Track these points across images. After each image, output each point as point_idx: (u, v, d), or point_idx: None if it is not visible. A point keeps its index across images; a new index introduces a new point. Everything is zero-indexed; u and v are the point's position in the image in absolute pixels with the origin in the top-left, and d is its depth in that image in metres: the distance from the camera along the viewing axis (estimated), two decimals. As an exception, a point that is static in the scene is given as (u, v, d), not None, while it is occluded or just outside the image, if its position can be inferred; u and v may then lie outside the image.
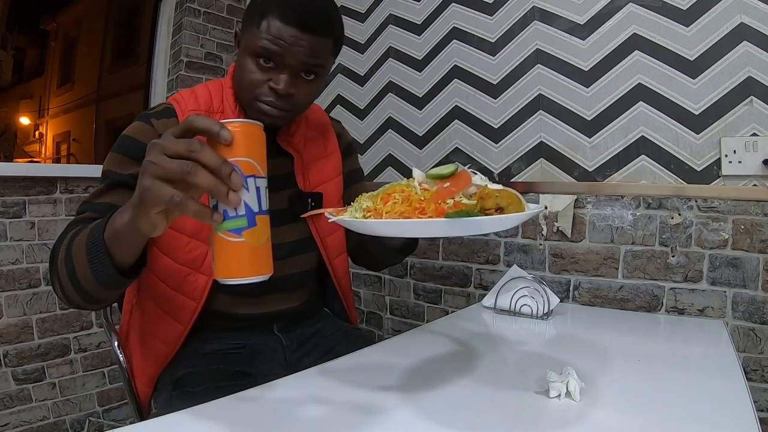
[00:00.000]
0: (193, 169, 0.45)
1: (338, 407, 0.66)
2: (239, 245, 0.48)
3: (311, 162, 0.94)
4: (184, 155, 0.46)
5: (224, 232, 0.48)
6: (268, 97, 0.75)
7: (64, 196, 1.68)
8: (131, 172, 0.74)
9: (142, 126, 0.79)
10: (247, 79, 0.76)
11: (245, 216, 0.48)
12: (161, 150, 0.47)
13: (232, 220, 0.48)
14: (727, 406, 0.65)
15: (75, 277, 0.62)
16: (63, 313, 1.68)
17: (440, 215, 0.48)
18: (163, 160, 0.46)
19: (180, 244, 0.80)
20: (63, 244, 0.66)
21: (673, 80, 1.18)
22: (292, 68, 0.74)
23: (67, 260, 0.62)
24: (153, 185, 0.47)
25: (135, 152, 0.76)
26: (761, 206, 1.10)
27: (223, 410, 0.64)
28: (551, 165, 1.39)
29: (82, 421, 1.72)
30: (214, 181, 0.46)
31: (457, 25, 1.56)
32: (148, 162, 0.48)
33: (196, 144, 0.46)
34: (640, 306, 1.25)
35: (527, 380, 0.72)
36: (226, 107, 0.84)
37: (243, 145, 0.48)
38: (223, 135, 0.47)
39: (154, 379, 0.86)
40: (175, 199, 0.46)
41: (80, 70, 1.97)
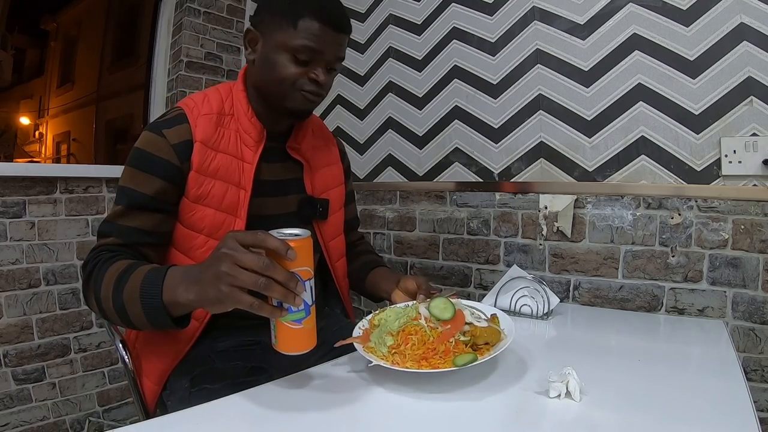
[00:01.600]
0: (269, 285, 0.57)
1: (345, 404, 0.66)
2: (299, 331, 0.63)
3: (318, 169, 0.99)
4: (259, 272, 0.57)
5: (288, 322, 0.62)
6: (310, 87, 0.84)
7: (64, 196, 1.68)
8: (149, 193, 0.79)
9: (154, 138, 0.81)
10: (284, 73, 0.82)
11: (304, 309, 0.62)
12: (234, 261, 0.57)
13: (294, 314, 0.61)
14: (727, 406, 0.65)
15: (128, 319, 0.71)
16: (63, 313, 1.68)
17: (447, 354, 0.67)
18: (239, 272, 0.57)
19: (197, 244, 0.84)
20: (103, 278, 0.73)
21: (673, 80, 1.18)
22: (327, 62, 0.85)
23: (116, 303, 0.71)
24: (232, 293, 0.57)
25: (150, 167, 0.80)
26: (761, 206, 1.10)
27: (226, 408, 0.64)
28: (551, 165, 1.39)
29: (82, 421, 1.72)
30: (285, 292, 0.58)
31: (457, 25, 1.56)
32: (224, 273, 0.57)
33: (267, 262, 0.57)
34: (640, 306, 1.25)
35: (527, 380, 0.72)
36: (238, 110, 0.88)
37: (302, 256, 0.60)
38: (290, 255, 0.58)
39: (164, 377, 0.86)
40: (254, 306, 0.58)
41: (80, 70, 1.97)
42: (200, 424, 0.61)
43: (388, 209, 1.76)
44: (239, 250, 0.58)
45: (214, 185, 0.83)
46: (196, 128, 0.82)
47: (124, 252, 0.78)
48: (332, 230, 1.02)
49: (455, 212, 1.58)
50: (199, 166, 0.81)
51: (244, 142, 0.87)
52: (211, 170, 0.83)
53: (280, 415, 0.64)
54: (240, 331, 0.91)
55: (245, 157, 0.86)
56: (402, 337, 0.70)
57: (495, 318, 0.77)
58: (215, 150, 0.83)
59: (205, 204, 0.83)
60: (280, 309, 0.60)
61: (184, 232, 0.84)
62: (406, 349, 0.68)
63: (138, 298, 0.68)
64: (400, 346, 0.68)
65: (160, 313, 0.67)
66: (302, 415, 0.64)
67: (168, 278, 0.67)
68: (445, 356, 0.66)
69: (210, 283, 0.59)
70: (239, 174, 0.85)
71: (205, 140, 0.82)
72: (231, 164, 0.85)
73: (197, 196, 0.82)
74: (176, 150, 0.80)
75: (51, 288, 1.66)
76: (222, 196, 0.84)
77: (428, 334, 0.70)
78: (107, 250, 0.78)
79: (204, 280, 0.61)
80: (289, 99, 0.84)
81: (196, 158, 0.81)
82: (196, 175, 0.82)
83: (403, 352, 0.67)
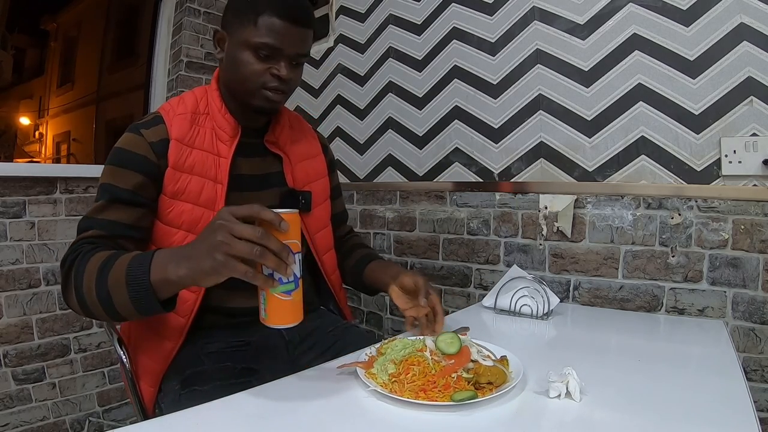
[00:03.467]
0: (264, 254, 0.59)
1: (342, 405, 0.66)
2: (288, 302, 0.64)
3: (298, 162, 1.00)
4: (254, 240, 0.59)
5: (278, 293, 0.64)
6: (273, 83, 0.84)
7: (64, 196, 1.68)
8: (129, 188, 0.81)
9: (133, 137, 0.84)
10: (247, 71, 0.83)
11: (294, 281, 0.64)
12: (230, 231, 0.59)
13: (285, 285, 0.63)
14: (727, 406, 0.65)
15: (112, 307, 0.69)
16: (63, 313, 1.68)
17: (447, 389, 0.65)
18: (234, 241, 0.59)
19: (176, 240, 0.85)
20: (85, 269, 0.71)
21: (673, 80, 1.18)
22: (289, 57, 0.84)
23: (99, 291, 0.69)
24: (228, 261, 0.59)
25: (129, 163, 0.82)
26: (761, 206, 1.10)
27: (223, 409, 0.64)
28: (551, 165, 1.39)
29: (82, 421, 1.72)
30: (278, 262, 0.60)
31: (457, 25, 1.56)
32: (220, 241, 0.59)
33: (262, 231, 0.59)
34: (640, 306, 1.25)
35: (527, 380, 0.72)
36: (212, 109, 0.90)
37: (292, 230, 0.63)
38: (283, 227, 0.61)
39: (159, 377, 0.87)
40: (248, 274, 0.60)
41: (80, 70, 1.97)
42: (199, 424, 0.61)
43: (388, 209, 1.76)
44: (234, 222, 0.60)
45: (190, 181, 0.85)
46: (171, 127, 0.85)
47: (105, 244, 0.78)
48: (317, 223, 1.02)
49: (455, 212, 1.58)
50: (175, 162, 0.84)
51: (219, 138, 0.89)
52: (187, 166, 0.85)
53: (279, 415, 0.64)
54: (228, 332, 0.91)
55: (221, 153, 0.88)
56: (404, 366, 0.70)
57: (504, 360, 0.75)
58: (190, 147, 0.86)
59: (183, 199, 0.85)
60: (272, 279, 0.62)
61: (164, 228, 0.85)
62: (405, 378, 0.67)
63: (124, 282, 0.67)
64: (401, 375, 0.68)
65: (147, 295, 0.66)
66: (300, 415, 0.64)
67: (156, 258, 0.67)
68: (444, 390, 0.65)
69: (205, 254, 0.61)
70: (215, 169, 0.87)
71: (180, 138, 0.85)
72: (207, 160, 0.87)
73: (174, 192, 0.84)
74: (153, 147, 0.83)
75: (51, 288, 1.66)
76: (199, 192, 0.86)
77: (431, 367, 0.69)
78: (88, 242, 0.77)
79: (198, 253, 0.62)
80: (254, 96, 0.85)
81: (172, 155, 0.84)
82: (173, 172, 0.84)
83: (402, 381, 0.67)
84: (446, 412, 0.63)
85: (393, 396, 0.65)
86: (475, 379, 0.68)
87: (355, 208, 1.87)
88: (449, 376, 0.67)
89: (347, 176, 1.90)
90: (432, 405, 0.63)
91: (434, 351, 0.72)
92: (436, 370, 0.69)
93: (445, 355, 0.71)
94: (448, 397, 0.64)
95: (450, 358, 0.71)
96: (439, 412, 0.63)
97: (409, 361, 0.71)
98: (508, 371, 0.72)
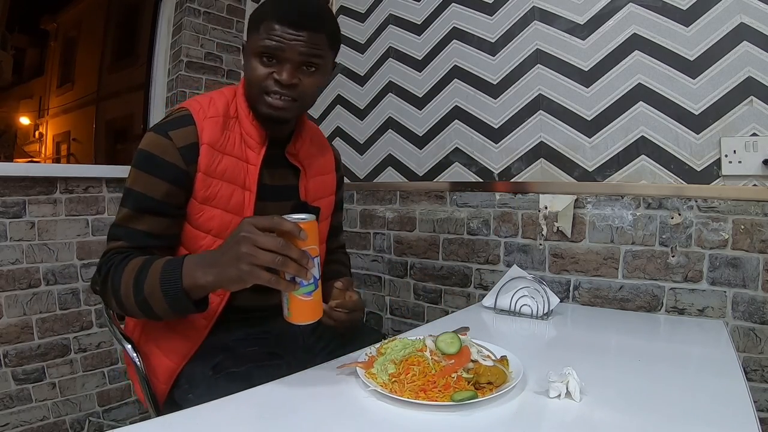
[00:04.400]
0: (285, 262, 0.64)
1: (341, 405, 0.66)
2: (309, 302, 0.70)
3: (313, 176, 1.00)
4: (276, 251, 0.64)
5: (300, 295, 0.69)
6: (274, 88, 0.83)
7: (64, 196, 1.68)
8: (157, 197, 0.81)
9: (160, 140, 0.82)
10: (252, 76, 0.84)
11: (313, 283, 0.69)
12: (254, 243, 0.64)
13: (305, 287, 0.68)
14: (727, 406, 0.65)
15: (151, 311, 0.76)
16: (63, 313, 1.68)
17: (447, 389, 0.66)
18: (258, 252, 0.64)
19: (205, 244, 0.86)
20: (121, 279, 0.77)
21: (673, 80, 1.18)
22: (293, 61, 0.83)
23: (137, 298, 0.75)
24: (253, 270, 0.64)
25: (157, 170, 0.82)
26: (761, 206, 1.10)
27: (223, 409, 0.64)
28: (551, 165, 1.39)
29: (82, 421, 1.72)
30: (298, 268, 0.65)
31: (457, 25, 1.56)
32: (245, 253, 0.64)
33: (283, 242, 0.64)
34: (640, 306, 1.25)
35: (527, 380, 0.72)
36: (240, 113, 0.89)
37: (310, 237, 0.68)
38: (302, 236, 0.66)
39: (173, 375, 0.87)
40: (272, 281, 0.65)
41: (80, 70, 1.97)
42: (200, 424, 0.61)
43: (388, 209, 1.76)
44: (256, 233, 0.65)
45: (221, 187, 0.85)
46: (203, 131, 0.84)
47: (135, 253, 0.80)
48: (321, 234, 1.02)
49: (455, 212, 1.58)
50: (206, 168, 0.83)
51: (248, 145, 0.89)
52: (218, 172, 0.85)
53: (279, 415, 0.64)
54: (248, 323, 0.93)
55: (249, 160, 0.88)
56: (404, 366, 0.70)
57: (504, 360, 0.75)
58: (222, 152, 0.85)
59: (213, 205, 0.85)
60: (294, 283, 0.67)
61: (193, 232, 0.86)
62: (405, 378, 0.68)
63: (160, 290, 0.73)
64: (401, 375, 0.68)
65: (181, 299, 0.73)
66: (300, 415, 0.64)
67: (186, 266, 0.73)
68: (444, 390, 0.66)
69: (230, 264, 0.66)
70: (244, 176, 0.88)
71: (212, 143, 0.84)
72: (237, 166, 0.87)
73: (205, 198, 0.84)
74: (182, 153, 0.82)
75: (51, 288, 1.66)
76: (229, 198, 0.86)
77: (430, 367, 0.69)
78: (118, 253, 0.81)
79: (224, 262, 0.68)
80: (259, 101, 0.85)
81: (203, 160, 0.83)
82: (204, 177, 0.83)
83: (402, 381, 0.67)
84: (446, 412, 0.63)
85: (393, 396, 0.65)
86: (475, 379, 0.68)
87: (355, 208, 1.87)
88: (449, 376, 0.68)
89: (347, 176, 1.90)
90: (432, 405, 0.63)
91: (434, 351, 0.72)
92: (436, 370, 0.69)
93: (445, 355, 0.71)
94: (448, 397, 0.64)
95: (450, 358, 0.71)
96: (439, 412, 0.63)
97: (409, 361, 0.71)
98: (508, 371, 0.72)
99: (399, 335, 0.89)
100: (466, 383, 0.67)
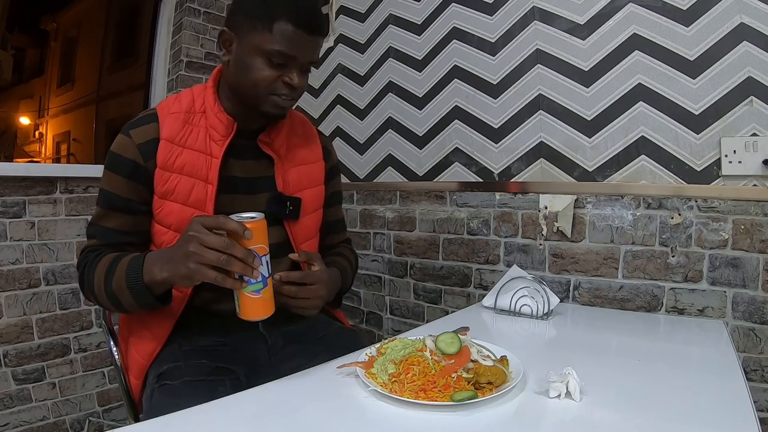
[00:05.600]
0: (230, 261, 0.66)
1: (341, 405, 0.66)
2: (258, 300, 0.71)
3: (292, 167, 0.97)
4: (220, 250, 0.66)
5: (249, 293, 0.70)
6: (283, 91, 0.84)
7: (64, 196, 1.68)
8: (122, 194, 0.85)
9: (123, 139, 0.86)
10: (258, 76, 0.82)
11: (261, 281, 0.70)
12: (200, 241, 0.67)
13: (253, 285, 0.70)
14: (727, 406, 0.65)
15: (121, 306, 0.80)
16: (63, 313, 1.68)
17: (447, 389, 0.66)
18: (204, 251, 0.66)
19: (167, 240, 0.86)
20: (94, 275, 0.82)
21: (673, 80, 1.18)
22: (302, 65, 0.84)
23: (108, 294, 0.80)
24: (199, 269, 0.67)
25: (119, 168, 0.85)
26: (761, 206, 1.10)
27: (223, 409, 0.64)
28: (551, 165, 1.39)
29: (82, 421, 1.72)
30: (244, 267, 0.67)
31: (457, 25, 1.56)
32: (192, 252, 0.67)
33: (228, 241, 0.66)
34: (640, 306, 1.25)
35: (527, 380, 0.72)
36: (207, 108, 0.89)
37: (257, 236, 0.69)
38: (247, 235, 0.67)
39: (144, 371, 0.88)
40: (218, 279, 0.67)
41: (80, 70, 1.97)
42: (199, 424, 0.61)
43: (388, 209, 1.76)
44: (203, 232, 0.67)
45: (180, 181, 0.85)
46: (163, 126, 0.85)
47: (107, 251, 0.84)
48: (305, 232, 0.98)
49: (455, 212, 1.58)
50: (163, 162, 0.84)
51: (212, 138, 0.88)
52: (176, 166, 0.85)
53: (279, 415, 0.64)
54: (211, 331, 0.91)
55: (213, 152, 0.88)
56: (404, 366, 0.70)
57: (504, 360, 0.75)
58: (181, 146, 0.86)
59: (172, 200, 0.85)
60: (241, 281, 0.69)
61: (156, 227, 0.87)
62: (405, 378, 0.68)
63: (125, 286, 0.77)
64: (401, 375, 0.69)
65: (144, 293, 0.76)
66: (300, 415, 0.64)
67: (146, 262, 0.77)
68: (444, 390, 0.66)
69: (180, 262, 0.69)
70: (206, 169, 0.87)
71: (171, 137, 0.85)
72: (198, 160, 0.86)
73: (163, 192, 0.85)
74: (141, 149, 0.84)
75: (51, 288, 1.66)
76: (189, 192, 0.85)
77: (431, 367, 0.69)
78: (92, 250, 0.86)
79: (175, 259, 0.70)
80: (263, 101, 0.85)
81: (160, 155, 0.84)
82: (161, 172, 0.84)
83: (402, 381, 0.67)
84: (446, 412, 0.63)
85: (393, 396, 0.65)
86: (475, 379, 0.68)
87: (355, 208, 1.87)
88: (449, 376, 0.68)
89: (347, 176, 1.90)
90: (432, 405, 0.63)
91: (434, 351, 0.72)
92: (436, 370, 0.69)
93: (445, 355, 0.71)
94: (448, 397, 0.64)
95: (450, 358, 0.71)
96: (439, 412, 0.63)
97: (409, 361, 0.71)
98: (508, 371, 0.72)
99: (399, 335, 0.89)
100: (466, 383, 0.67)
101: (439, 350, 0.72)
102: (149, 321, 0.89)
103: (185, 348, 0.88)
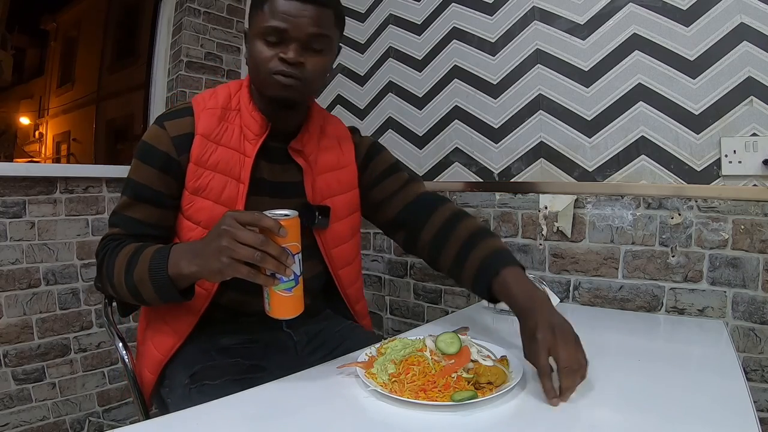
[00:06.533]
0: (264, 258, 0.65)
1: (344, 405, 0.66)
2: (289, 298, 0.70)
3: (321, 173, 0.94)
4: (255, 246, 0.64)
5: (280, 291, 0.69)
6: (281, 67, 0.80)
7: (64, 196, 1.68)
8: (151, 186, 0.84)
9: (157, 130, 0.84)
10: (258, 59, 0.81)
11: (293, 279, 0.69)
12: (233, 237, 0.65)
13: (285, 283, 0.68)
14: (727, 406, 0.65)
15: (140, 297, 0.79)
16: (63, 313, 1.68)
17: (447, 389, 0.66)
18: (238, 246, 0.64)
19: (195, 236, 0.85)
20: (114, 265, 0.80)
21: (673, 80, 1.18)
22: (299, 40, 0.80)
23: (128, 285, 0.79)
24: (232, 264, 0.65)
25: (150, 159, 0.84)
26: (761, 206, 1.10)
27: (223, 409, 0.64)
28: (551, 165, 1.39)
29: (82, 421, 1.72)
30: (277, 264, 0.66)
31: (457, 25, 1.56)
32: (225, 247, 0.65)
33: (263, 238, 0.65)
34: (640, 306, 1.25)
35: (527, 380, 0.72)
36: (242, 106, 0.88)
37: (291, 234, 0.68)
38: (281, 233, 0.66)
39: (160, 366, 0.87)
40: (251, 275, 0.66)
41: (80, 70, 1.97)
42: (200, 424, 0.61)
43: (388, 209, 1.76)
44: (237, 227, 0.65)
45: (213, 178, 0.84)
46: (198, 121, 0.84)
47: (129, 240, 0.83)
48: (335, 239, 0.96)
49: (455, 212, 1.58)
50: (197, 158, 0.83)
51: (246, 137, 0.87)
52: (210, 163, 0.84)
53: (279, 415, 0.64)
54: (238, 328, 0.92)
55: (246, 152, 0.87)
56: (404, 366, 0.70)
57: (504, 360, 0.75)
58: (216, 143, 0.85)
59: (204, 196, 0.84)
60: (273, 278, 0.67)
61: (184, 223, 0.86)
62: (405, 378, 0.68)
63: (148, 277, 0.75)
64: (401, 375, 0.68)
65: (167, 286, 0.74)
66: (300, 415, 0.64)
67: (172, 254, 0.75)
68: (444, 390, 0.65)
69: (212, 256, 0.67)
70: (240, 168, 0.86)
71: (207, 133, 0.84)
72: (232, 158, 0.86)
73: (195, 188, 0.84)
74: (175, 142, 0.83)
75: (51, 288, 1.66)
76: (221, 189, 0.85)
77: (430, 367, 0.69)
78: (114, 239, 0.84)
79: (206, 253, 0.69)
80: (267, 84, 0.82)
81: (195, 150, 0.83)
82: (195, 168, 0.83)
83: (402, 381, 0.67)
84: (446, 412, 0.63)
85: (393, 396, 0.65)
86: (475, 379, 0.68)
87: (355, 208, 1.87)
88: (449, 376, 0.68)
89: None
90: (432, 405, 0.63)
91: (434, 351, 0.72)
92: (436, 370, 0.69)
93: (445, 355, 0.71)
94: (448, 397, 0.64)
95: (450, 358, 0.71)
96: (439, 412, 0.63)
97: (409, 361, 0.71)
98: (508, 371, 0.72)
99: (399, 335, 0.89)
100: (466, 383, 0.67)
101: (439, 350, 0.72)
102: (169, 316, 0.88)
103: (217, 346, 0.88)
